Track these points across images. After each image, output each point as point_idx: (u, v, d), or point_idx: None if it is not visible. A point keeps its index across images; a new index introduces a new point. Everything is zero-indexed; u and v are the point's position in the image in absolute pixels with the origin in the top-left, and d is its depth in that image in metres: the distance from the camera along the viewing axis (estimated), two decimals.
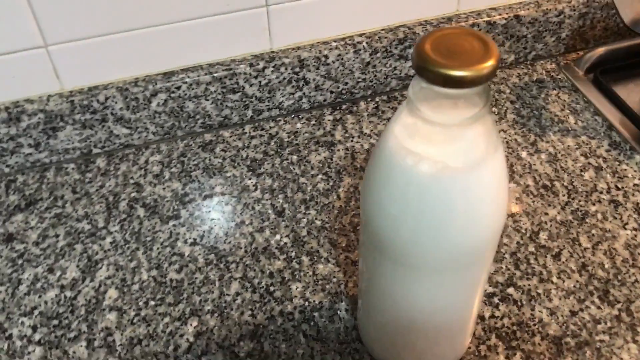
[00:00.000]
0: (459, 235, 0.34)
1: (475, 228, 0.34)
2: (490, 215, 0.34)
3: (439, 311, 0.40)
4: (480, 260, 0.37)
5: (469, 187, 0.32)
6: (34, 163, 0.62)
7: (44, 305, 0.51)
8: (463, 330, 0.43)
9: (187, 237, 0.56)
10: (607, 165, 0.60)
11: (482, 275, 0.39)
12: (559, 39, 0.71)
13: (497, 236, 0.36)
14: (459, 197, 0.32)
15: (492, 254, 0.38)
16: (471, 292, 0.39)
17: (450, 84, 0.29)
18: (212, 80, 0.61)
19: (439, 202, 0.33)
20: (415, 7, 0.65)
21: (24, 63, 0.57)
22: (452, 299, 0.39)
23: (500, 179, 0.34)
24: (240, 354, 0.47)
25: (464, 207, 0.33)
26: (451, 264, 0.36)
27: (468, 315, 0.42)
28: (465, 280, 0.38)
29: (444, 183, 0.32)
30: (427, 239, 0.34)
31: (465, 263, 0.36)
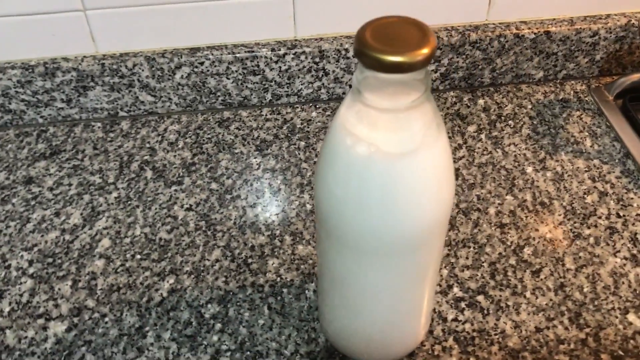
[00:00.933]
0: (394, 220, 0.35)
1: (410, 214, 0.35)
2: (425, 203, 0.35)
3: (384, 297, 0.40)
4: (421, 248, 0.37)
5: (401, 173, 0.33)
6: (65, 117, 0.67)
7: (43, 244, 0.56)
8: (412, 322, 0.44)
9: (184, 202, 0.59)
10: (613, 191, 0.59)
11: (429, 265, 0.39)
12: (592, 61, 0.70)
13: (437, 225, 0.36)
14: (392, 182, 0.33)
15: (437, 244, 0.39)
16: (417, 281, 0.40)
17: (386, 68, 0.30)
18: (234, 60, 0.64)
19: (373, 185, 0.34)
20: (443, 11, 0.66)
21: (63, 24, 0.62)
22: (397, 285, 0.40)
23: (439, 168, 0.34)
24: (205, 315, 0.50)
25: (398, 192, 0.34)
26: (391, 248, 0.36)
27: (416, 306, 0.43)
28: (409, 266, 0.38)
29: (377, 166, 0.33)
30: (366, 221, 0.35)
31: (405, 248, 0.37)
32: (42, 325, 0.50)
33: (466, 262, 0.53)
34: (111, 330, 0.49)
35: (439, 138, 0.34)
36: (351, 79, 0.67)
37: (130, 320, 0.50)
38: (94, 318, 0.50)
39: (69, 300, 0.51)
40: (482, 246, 0.54)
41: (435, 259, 0.40)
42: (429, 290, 0.43)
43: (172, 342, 0.48)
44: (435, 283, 0.45)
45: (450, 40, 0.66)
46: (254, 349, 0.48)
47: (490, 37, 0.66)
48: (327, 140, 0.35)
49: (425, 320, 0.46)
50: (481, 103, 0.69)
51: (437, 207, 0.35)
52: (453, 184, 0.36)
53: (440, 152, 0.34)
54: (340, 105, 0.35)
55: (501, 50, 0.67)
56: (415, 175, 0.34)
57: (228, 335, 0.49)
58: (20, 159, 0.64)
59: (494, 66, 0.69)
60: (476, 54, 0.67)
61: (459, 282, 0.52)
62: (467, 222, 0.56)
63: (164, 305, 0.51)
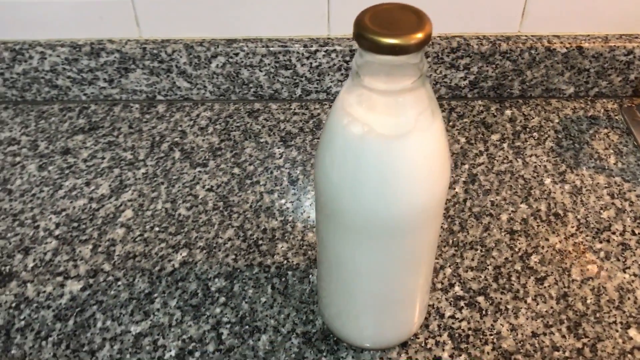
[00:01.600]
0: (386, 201, 0.36)
1: (401, 196, 0.36)
2: (417, 187, 0.36)
3: (377, 280, 0.41)
4: (413, 232, 0.38)
5: (394, 155, 0.35)
6: (106, 97, 0.71)
7: (72, 209, 0.59)
8: (405, 311, 0.45)
9: (206, 183, 0.61)
10: (631, 209, 0.58)
11: (421, 253, 0.40)
12: (626, 80, 0.69)
13: (428, 210, 0.37)
14: (384, 163, 0.35)
15: (429, 232, 0.39)
16: (410, 267, 0.41)
17: (382, 50, 0.32)
18: (267, 54, 0.67)
19: (366, 165, 0.35)
20: (476, 21, 0.67)
21: (111, 7, 0.66)
22: (389, 268, 0.41)
23: (432, 153, 0.36)
24: (211, 288, 0.52)
25: (390, 173, 0.35)
26: (384, 230, 0.38)
27: (409, 294, 0.43)
28: (402, 250, 0.39)
29: (370, 147, 0.35)
30: (360, 201, 0.37)
31: (397, 231, 0.38)
32: (60, 283, 0.53)
33: (471, 263, 0.54)
34: (122, 294, 0.52)
35: (433, 124, 0.35)
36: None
37: (141, 286, 0.53)
38: (108, 281, 0.53)
39: (88, 262, 0.54)
40: (489, 250, 0.55)
41: (428, 248, 0.41)
42: (423, 281, 0.44)
43: (176, 310, 0.51)
44: (430, 276, 0.45)
45: (481, 48, 0.66)
46: (253, 323, 0.49)
47: (521, 49, 0.66)
48: (327, 121, 0.37)
49: (419, 312, 0.46)
50: (508, 113, 0.69)
51: (428, 191, 0.36)
52: (447, 171, 0.37)
53: (433, 138, 0.35)
54: (341, 89, 0.37)
55: (532, 62, 0.67)
56: (407, 157, 0.35)
57: (230, 309, 0.51)
58: (61, 131, 0.68)
59: (524, 78, 0.69)
60: (506, 64, 0.68)
61: (461, 281, 0.52)
62: (477, 226, 0.57)
63: (174, 275, 0.53)
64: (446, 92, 0.70)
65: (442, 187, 0.37)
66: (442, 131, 0.36)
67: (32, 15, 0.66)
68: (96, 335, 0.49)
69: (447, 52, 0.67)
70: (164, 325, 0.50)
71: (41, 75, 0.69)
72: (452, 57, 0.67)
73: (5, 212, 0.59)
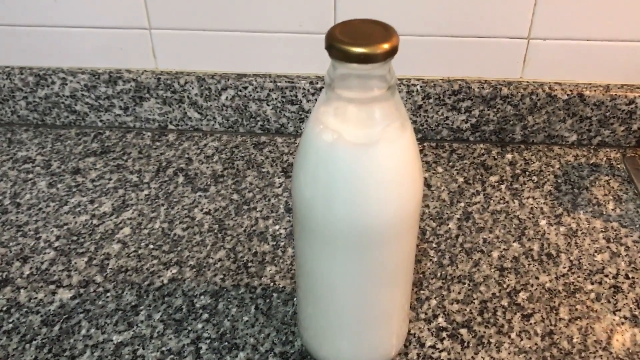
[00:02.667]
0: (355, 209, 0.37)
1: (370, 205, 0.37)
2: (386, 196, 0.37)
3: (351, 294, 0.41)
4: (386, 244, 0.39)
5: (361, 163, 0.36)
6: (121, 124, 0.75)
7: (73, 224, 0.61)
8: (382, 331, 0.45)
9: (204, 207, 0.63)
10: (627, 253, 0.57)
11: (395, 268, 0.41)
12: (629, 130, 0.69)
13: (400, 221, 0.38)
14: (352, 170, 0.36)
15: (402, 246, 0.40)
16: (383, 283, 0.41)
17: (351, 59, 0.34)
18: (275, 88, 0.70)
19: (336, 172, 0.36)
20: (478, 66, 0.68)
21: (130, 39, 0.70)
22: (363, 282, 0.41)
23: (401, 163, 0.36)
24: (196, 304, 0.53)
25: (359, 181, 0.36)
26: (356, 240, 0.38)
27: (386, 311, 0.43)
28: (375, 263, 0.40)
29: (339, 154, 0.36)
30: (331, 208, 0.37)
31: (369, 242, 0.38)
32: (52, 290, 0.54)
33: (457, 296, 0.53)
34: (109, 304, 0.53)
35: (402, 136, 0.36)
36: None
37: (128, 298, 0.53)
38: (97, 291, 0.54)
39: (81, 273, 0.56)
40: (477, 284, 0.54)
41: (402, 263, 0.41)
42: (399, 300, 0.44)
43: (159, 323, 0.51)
44: (407, 298, 0.45)
45: (482, 92, 0.68)
46: (232, 340, 0.50)
47: (522, 94, 0.68)
48: (303, 131, 0.39)
49: (396, 336, 0.46)
50: (509, 157, 0.69)
51: (398, 201, 0.37)
52: (418, 183, 0.38)
53: (402, 149, 0.36)
54: (317, 101, 0.39)
55: (533, 107, 0.68)
56: (375, 166, 0.36)
57: (212, 325, 0.51)
58: (74, 153, 0.71)
59: (526, 123, 0.70)
60: (507, 108, 0.69)
61: (445, 313, 0.52)
62: (467, 261, 0.56)
63: (161, 290, 0.54)
64: (448, 134, 0.72)
65: (412, 198, 0.38)
66: (413, 143, 0.37)
67: (58, 44, 0.71)
68: (79, 342, 0.50)
69: (449, 94, 0.68)
70: (145, 337, 0.50)
71: (61, 100, 0.73)
72: (454, 100, 0.69)
73: (11, 223, 0.61)
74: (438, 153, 0.70)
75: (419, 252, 0.57)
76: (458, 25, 0.66)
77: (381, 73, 0.34)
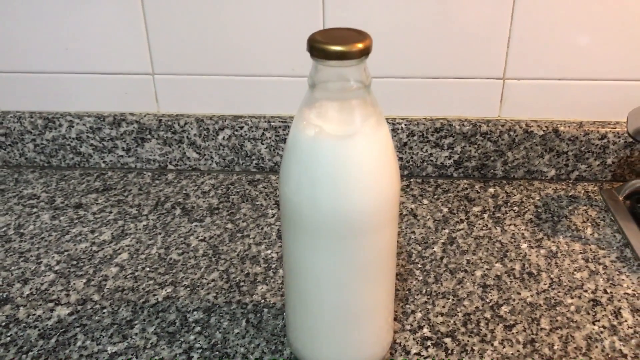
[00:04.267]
0: (335, 198, 0.40)
1: (351, 194, 0.40)
2: (363, 185, 0.40)
3: (336, 290, 0.44)
4: (365, 234, 0.41)
5: (340, 153, 0.39)
6: (123, 165, 0.79)
7: (73, 250, 0.64)
8: (366, 330, 0.46)
9: (200, 235, 0.66)
10: (605, 272, 0.59)
11: (375, 260, 0.43)
12: (604, 164, 0.73)
13: (377, 212, 0.41)
14: (333, 161, 0.39)
15: (384, 234, 0.42)
16: (364, 275, 0.43)
17: (329, 56, 0.38)
18: (269, 128, 0.74)
19: (317, 163, 0.40)
20: (459, 106, 0.73)
21: (135, 84, 0.75)
22: (344, 273, 0.43)
23: (376, 155, 0.40)
24: (189, 319, 0.54)
25: (338, 171, 0.39)
26: (336, 229, 0.41)
27: (368, 309, 0.45)
28: (357, 255, 0.42)
29: (321, 145, 0.39)
30: (314, 198, 0.40)
31: (348, 231, 0.41)
32: (50, 308, 0.56)
33: (442, 310, 0.55)
34: (105, 319, 0.55)
35: (378, 130, 0.40)
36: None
37: (124, 314, 0.55)
38: (94, 308, 0.56)
39: (79, 293, 0.58)
40: (461, 299, 0.56)
41: (382, 257, 0.44)
42: (381, 299, 0.46)
43: (153, 335, 0.53)
44: (389, 301, 0.47)
45: (463, 129, 0.72)
46: (223, 350, 0.51)
47: (501, 130, 0.72)
48: (290, 132, 0.42)
49: (380, 339, 0.48)
50: (491, 191, 0.73)
51: (376, 191, 0.40)
52: (395, 176, 0.41)
53: (378, 142, 0.40)
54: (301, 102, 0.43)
55: (512, 143, 0.72)
56: (354, 157, 0.39)
57: (204, 337, 0.53)
58: (77, 190, 0.74)
59: (506, 159, 0.74)
60: (487, 144, 0.73)
61: (430, 324, 0.53)
62: (451, 279, 0.59)
63: (156, 307, 0.56)
64: (433, 171, 0.75)
65: (390, 188, 0.41)
66: (388, 138, 0.41)
67: (67, 89, 0.76)
68: (74, 352, 0.51)
69: (432, 131, 0.73)
70: (139, 347, 0.52)
71: (67, 142, 0.78)
72: (437, 137, 0.73)
73: (14, 250, 0.64)
74: (424, 187, 0.74)
75: (405, 272, 0.60)
76: (438, 67, 0.71)
77: (357, 72, 0.39)
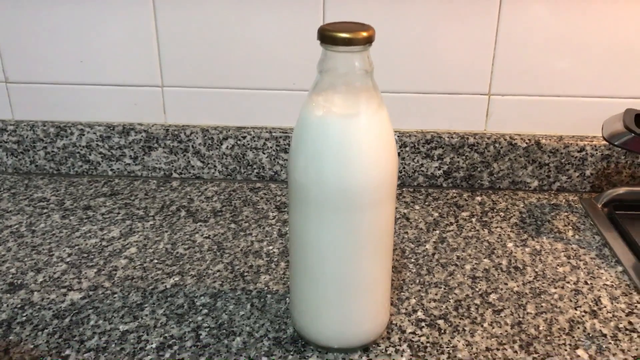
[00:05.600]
0: (342, 171, 0.44)
1: (355, 167, 0.44)
2: (366, 161, 0.44)
3: (339, 262, 0.47)
4: (369, 205, 0.45)
5: (348, 130, 0.44)
6: (129, 173, 0.82)
7: (84, 245, 0.67)
8: (366, 305, 0.50)
9: (205, 233, 0.69)
10: (585, 267, 0.64)
11: (379, 234, 0.47)
12: (583, 176, 0.78)
13: (379, 186, 0.45)
14: (338, 137, 0.44)
15: (384, 209, 0.47)
16: (368, 248, 0.47)
17: (337, 42, 0.43)
18: (270, 137, 0.79)
19: (325, 139, 0.44)
20: (447, 121, 0.78)
21: (144, 96, 0.80)
22: (349, 248, 0.47)
23: (378, 134, 0.45)
24: (196, 303, 0.58)
25: (344, 146, 0.44)
26: (343, 200, 0.45)
27: (369, 283, 0.49)
28: (360, 227, 0.46)
29: (328, 123, 0.44)
30: (321, 172, 0.45)
31: (351, 203, 0.45)
32: (63, 293, 0.59)
33: (435, 297, 0.59)
34: (116, 302, 0.58)
35: (379, 111, 0.45)
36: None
37: (134, 298, 0.58)
38: (105, 293, 0.59)
39: (91, 280, 0.61)
40: (452, 288, 0.60)
41: (383, 232, 0.48)
42: (380, 274, 0.50)
43: (162, 316, 0.56)
44: (387, 278, 0.51)
45: (451, 141, 0.77)
46: (229, 328, 0.54)
47: (487, 142, 0.77)
48: (299, 115, 0.47)
49: (378, 314, 0.51)
50: (478, 199, 0.77)
51: (378, 167, 0.45)
52: (393, 154, 0.46)
53: (380, 122, 0.45)
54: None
55: (497, 155, 0.78)
56: (357, 133, 0.44)
57: (211, 318, 0.56)
58: (86, 195, 0.78)
59: (492, 170, 0.79)
60: (474, 156, 0.78)
61: (424, 309, 0.57)
62: (443, 272, 0.62)
63: (165, 292, 0.59)
64: (424, 181, 0.80)
65: (389, 165, 0.45)
66: (388, 120, 0.46)
67: (80, 100, 0.80)
68: (87, 330, 0.54)
69: (422, 142, 0.78)
70: (149, 326, 0.55)
71: (77, 150, 0.81)
72: (427, 148, 0.78)
73: (26, 245, 0.67)
74: (415, 196, 0.78)
75: (399, 265, 0.64)
76: (429, 84, 0.77)
77: (361, 59, 0.44)
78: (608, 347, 0.52)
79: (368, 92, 0.45)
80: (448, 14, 0.74)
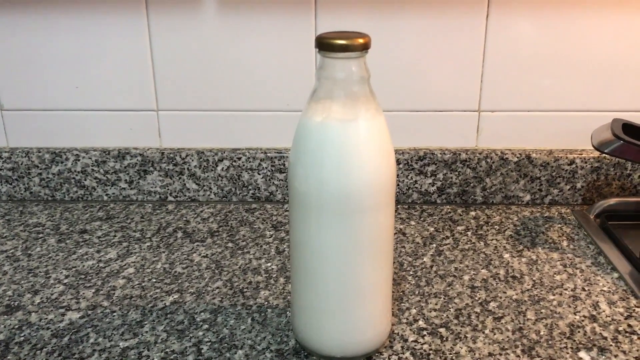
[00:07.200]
0: (341, 175, 0.45)
1: (354, 171, 0.45)
2: (365, 164, 0.45)
3: (339, 266, 0.48)
4: (368, 209, 0.46)
5: (347, 134, 0.45)
6: (125, 197, 0.82)
7: (81, 267, 0.66)
8: (367, 312, 0.50)
9: (202, 252, 0.69)
10: (582, 274, 0.64)
11: (379, 238, 0.48)
12: (574, 189, 0.79)
13: (377, 191, 0.46)
14: (337, 142, 0.45)
15: (384, 213, 0.47)
16: (368, 252, 0.48)
17: (335, 48, 0.44)
18: (265, 158, 0.80)
19: (324, 144, 0.45)
20: (440, 138, 0.80)
21: (139, 120, 0.80)
22: (350, 252, 0.47)
23: (376, 138, 0.46)
24: (197, 319, 0.57)
25: (343, 151, 0.45)
26: (342, 204, 0.45)
27: (369, 289, 0.49)
28: (360, 231, 0.47)
29: (327, 128, 0.45)
30: (322, 175, 0.45)
31: (353, 205, 0.46)
32: (61, 313, 0.58)
33: (435, 306, 0.59)
34: (116, 321, 0.57)
35: (376, 117, 0.46)
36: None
37: (134, 316, 0.58)
38: (105, 312, 0.58)
39: (89, 300, 0.60)
40: (451, 298, 0.60)
41: (382, 237, 0.48)
42: (380, 280, 0.50)
43: (163, 332, 0.55)
44: (388, 286, 0.51)
45: (444, 157, 0.79)
46: (231, 342, 0.54)
47: (479, 157, 0.78)
48: (298, 122, 0.48)
49: (380, 323, 0.51)
50: (472, 214, 0.78)
51: (376, 169, 0.46)
52: (391, 158, 0.47)
53: (377, 127, 0.46)
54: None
55: (489, 170, 0.79)
56: (356, 138, 0.45)
57: (212, 333, 0.55)
58: (81, 219, 0.78)
59: (485, 185, 0.80)
60: (467, 171, 0.79)
61: (425, 318, 0.57)
62: (441, 282, 0.63)
63: (164, 310, 0.59)
64: (418, 197, 0.81)
65: (388, 169, 0.46)
66: (385, 125, 0.47)
67: (75, 126, 0.81)
68: (87, 347, 0.53)
69: (415, 159, 0.79)
70: (150, 342, 0.54)
71: (72, 175, 0.82)
72: (420, 164, 0.79)
73: (22, 268, 0.66)
74: (410, 212, 0.79)
75: (398, 277, 0.64)
76: (420, 102, 0.78)
77: (358, 65, 0.45)
78: (609, 349, 0.53)
79: (366, 97, 0.46)
80: (436, 33, 0.76)
